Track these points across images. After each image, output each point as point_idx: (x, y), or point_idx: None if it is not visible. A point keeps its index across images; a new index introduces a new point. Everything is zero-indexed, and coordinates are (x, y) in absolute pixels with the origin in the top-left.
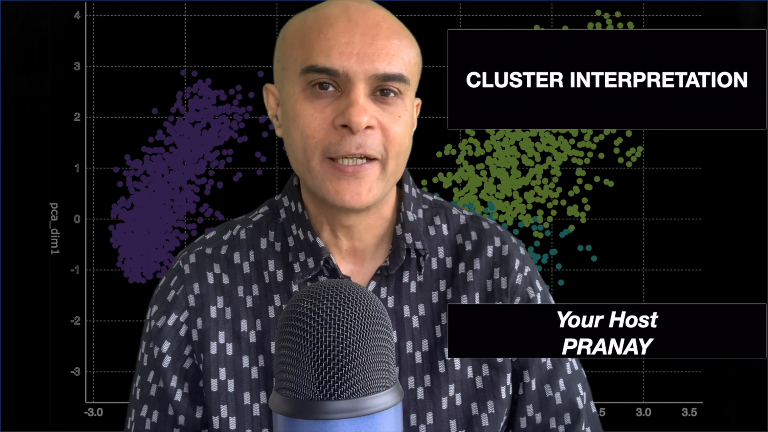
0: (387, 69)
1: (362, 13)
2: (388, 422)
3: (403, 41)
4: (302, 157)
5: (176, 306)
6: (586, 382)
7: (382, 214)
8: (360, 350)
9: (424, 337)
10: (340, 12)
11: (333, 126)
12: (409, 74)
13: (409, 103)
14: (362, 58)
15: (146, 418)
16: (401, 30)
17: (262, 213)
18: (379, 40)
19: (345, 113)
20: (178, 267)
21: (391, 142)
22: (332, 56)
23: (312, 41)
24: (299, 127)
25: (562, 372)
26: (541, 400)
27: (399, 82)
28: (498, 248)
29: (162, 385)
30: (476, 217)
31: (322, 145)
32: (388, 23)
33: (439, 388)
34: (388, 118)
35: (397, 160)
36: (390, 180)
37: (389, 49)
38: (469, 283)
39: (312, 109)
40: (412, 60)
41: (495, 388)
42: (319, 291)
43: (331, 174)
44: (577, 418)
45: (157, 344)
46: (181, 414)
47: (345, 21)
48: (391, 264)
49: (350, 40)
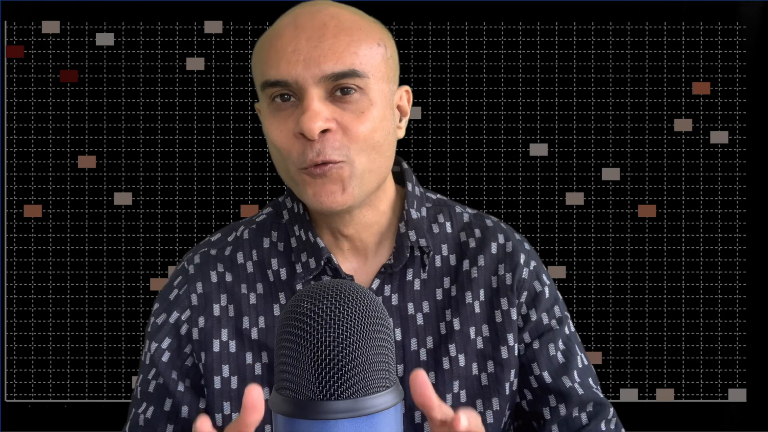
0: (335, 68)
1: (310, 17)
2: (388, 422)
3: (355, 35)
4: (283, 168)
5: (178, 304)
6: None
7: (379, 212)
8: (360, 350)
9: (429, 334)
10: (289, 21)
11: (295, 136)
12: (367, 67)
13: (377, 96)
14: (308, 63)
15: (141, 414)
16: (354, 23)
17: (265, 214)
18: (326, 40)
19: (299, 122)
20: (183, 267)
21: (354, 140)
22: (281, 67)
23: (265, 56)
24: (271, 142)
25: (575, 365)
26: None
27: (353, 78)
28: (502, 245)
29: (162, 381)
30: (480, 214)
31: (291, 157)
32: (336, 21)
33: (444, 384)
34: (349, 116)
35: (368, 156)
36: (366, 176)
37: (336, 48)
38: (474, 279)
39: (277, 122)
40: (371, 52)
41: (500, 385)
42: (319, 291)
43: (305, 180)
44: (599, 407)
45: (156, 341)
46: (184, 404)
47: (292, 29)
48: (395, 262)
49: (296, 47)
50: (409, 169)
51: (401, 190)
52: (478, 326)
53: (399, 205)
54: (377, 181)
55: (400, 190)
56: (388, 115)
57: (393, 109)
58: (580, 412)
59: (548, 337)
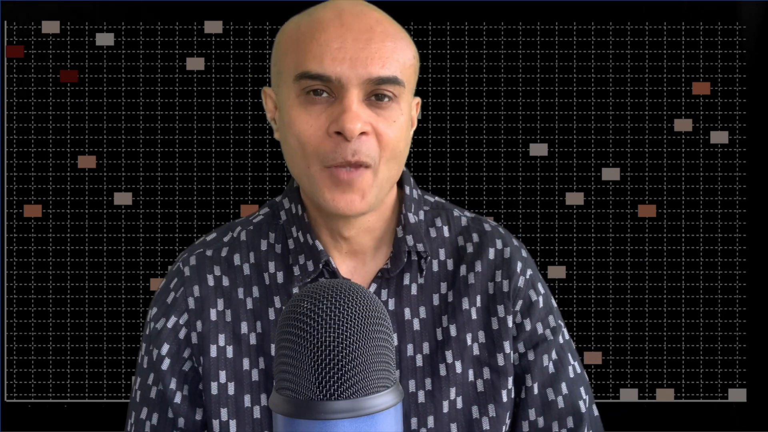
0: (380, 73)
1: (355, 17)
2: (388, 422)
3: (398, 43)
4: (302, 164)
5: (176, 308)
6: (589, 385)
7: (380, 217)
8: (360, 350)
9: (425, 340)
10: (333, 16)
11: (327, 133)
12: (405, 77)
13: (405, 106)
14: (355, 63)
15: (146, 420)
16: (396, 32)
17: (262, 215)
18: (373, 44)
19: (338, 120)
20: (178, 269)
21: (384, 148)
22: (325, 62)
23: (305, 47)
24: (295, 134)
25: (565, 376)
26: (543, 404)
27: (393, 85)
28: (500, 250)
29: (162, 387)
30: (478, 218)
31: (318, 153)
32: (382, 26)
33: (441, 391)
34: (383, 123)
35: (389, 165)
36: (384, 185)
37: (383, 53)
38: (471, 285)
39: (307, 116)
40: (408, 62)
41: (496, 392)
42: (319, 291)
43: (329, 182)
44: (579, 422)
45: (156, 347)
46: (180, 416)
47: (338, 25)
48: (393, 266)
49: (342, 45)
50: (407, 172)
51: (399, 193)
52: (475, 333)
53: (397, 208)
54: (390, 188)
55: (398, 193)
56: (408, 126)
57: (414, 118)
58: (560, 428)
59: (543, 348)
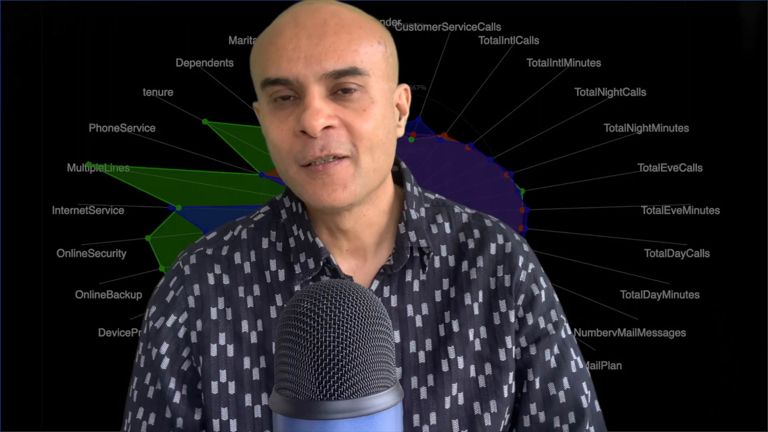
0: (336, 66)
1: (310, 15)
2: (388, 422)
3: (356, 33)
4: (282, 168)
5: (175, 307)
6: (591, 380)
7: (379, 211)
8: (360, 350)
9: (428, 337)
10: (289, 18)
11: (295, 134)
12: (368, 65)
13: (378, 94)
14: (309, 60)
15: (143, 420)
16: (354, 22)
17: (263, 213)
18: (327, 38)
19: (300, 119)
20: (178, 267)
21: (358, 138)
22: (282, 65)
23: (265, 54)
24: (271, 140)
25: (567, 370)
26: (545, 398)
27: (354, 76)
28: (501, 245)
29: (160, 387)
30: (478, 214)
31: (292, 154)
32: (336, 19)
33: (443, 387)
34: (351, 114)
35: (373, 155)
36: (371, 174)
37: (337, 46)
38: (473, 281)
39: (277, 121)
40: (372, 50)
41: (497, 387)
42: (319, 291)
43: (307, 178)
44: (581, 417)
45: (155, 345)
46: (179, 416)
47: (293, 26)
48: (395, 263)
49: (297, 44)
50: (407, 169)
51: (400, 190)
52: (477, 328)
53: (398, 205)
54: (379, 179)
55: (399, 191)
56: (388, 114)
57: (393, 107)
58: (562, 423)
59: (545, 342)
